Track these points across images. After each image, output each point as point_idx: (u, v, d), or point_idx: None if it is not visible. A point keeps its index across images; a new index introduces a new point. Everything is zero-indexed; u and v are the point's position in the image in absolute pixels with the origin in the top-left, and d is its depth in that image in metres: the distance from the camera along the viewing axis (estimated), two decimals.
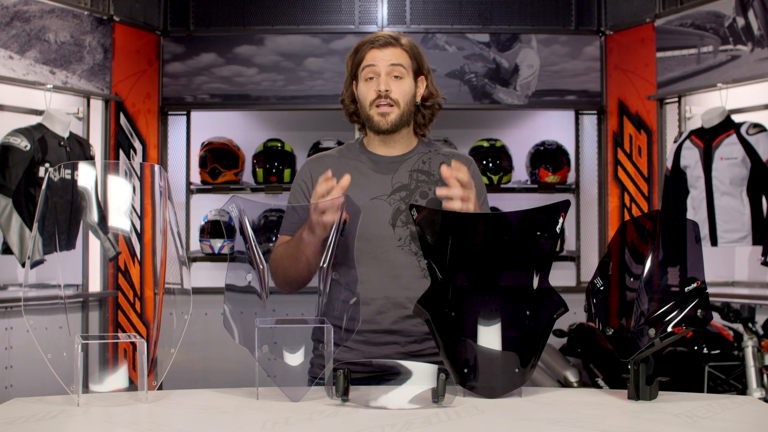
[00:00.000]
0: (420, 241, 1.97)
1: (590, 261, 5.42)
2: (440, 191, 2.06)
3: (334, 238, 1.99)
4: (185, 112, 5.54)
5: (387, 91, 2.19)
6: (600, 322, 1.89)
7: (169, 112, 5.54)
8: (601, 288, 1.92)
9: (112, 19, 5.08)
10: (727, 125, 4.48)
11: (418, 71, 2.26)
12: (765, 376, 3.54)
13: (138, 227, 2.84)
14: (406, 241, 2.18)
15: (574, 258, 5.49)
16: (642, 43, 5.20)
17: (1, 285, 4.46)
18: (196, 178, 5.49)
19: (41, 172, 4.26)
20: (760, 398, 3.15)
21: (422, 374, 1.81)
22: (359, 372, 2.01)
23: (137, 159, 5.26)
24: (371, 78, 2.21)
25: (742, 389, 3.58)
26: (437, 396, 1.77)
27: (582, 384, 4.29)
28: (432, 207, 2.17)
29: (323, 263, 1.99)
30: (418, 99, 2.27)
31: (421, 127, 2.31)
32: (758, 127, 4.37)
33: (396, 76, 2.21)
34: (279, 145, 5.46)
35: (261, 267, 1.96)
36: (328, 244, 2.00)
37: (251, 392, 1.87)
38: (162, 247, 1.95)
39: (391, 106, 2.20)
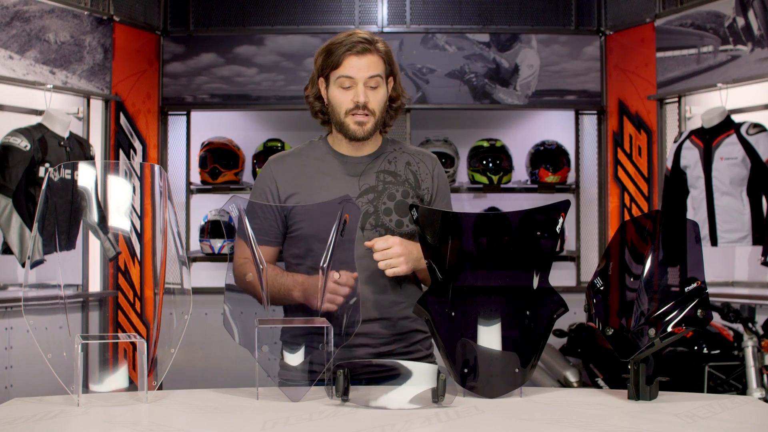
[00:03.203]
0: (420, 241, 1.97)
1: (590, 261, 5.42)
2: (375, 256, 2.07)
3: (334, 238, 1.99)
4: (185, 112, 5.53)
5: (365, 102, 2.17)
6: (600, 322, 1.89)
7: (169, 112, 5.53)
8: (601, 288, 1.92)
9: (112, 19, 5.08)
10: (727, 125, 4.48)
11: (390, 73, 2.24)
12: (765, 376, 3.54)
13: (138, 227, 2.85)
14: None
15: (574, 258, 5.49)
16: (642, 43, 5.20)
17: (1, 285, 4.46)
18: (196, 178, 5.49)
19: (41, 172, 4.26)
20: (760, 398, 3.15)
21: (422, 374, 1.81)
22: (358, 373, 2.00)
23: (137, 159, 5.26)
24: (348, 87, 2.18)
25: (742, 389, 3.58)
26: (437, 396, 1.77)
27: (582, 384, 4.29)
28: (399, 210, 2.19)
29: (323, 263, 1.99)
30: (387, 100, 2.26)
31: (385, 126, 2.30)
32: (758, 127, 4.37)
33: (372, 87, 2.18)
34: (279, 145, 5.46)
35: (261, 267, 1.96)
36: (328, 244, 2.00)
37: (251, 392, 1.87)
38: (162, 247, 1.95)
39: (367, 115, 2.18)
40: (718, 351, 3.77)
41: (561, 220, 1.96)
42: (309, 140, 2.34)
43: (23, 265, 4.26)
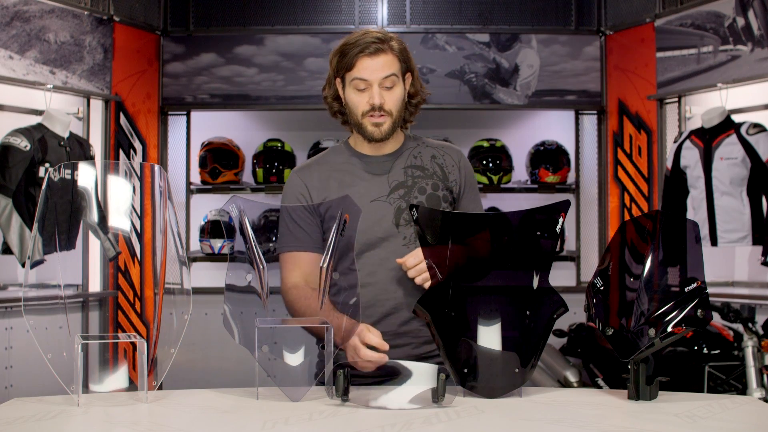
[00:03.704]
0: (420, 241, 1.97)
1: (590, 261, 5.42)
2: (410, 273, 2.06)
3: (334, 238, 1.99)
4: (185, 112, 5.54)
5: (381, 104, 2.15)
6: (600, 322, 1.89)
7: (169, 112, 5.54)
8: (601, 288, 1.92)
9: (112, 19, 5.08)
10: (727, 125, 4.48)
11: (406, 70, 2.22)
12: (765, 376, 3.54)
13: (138, 227, 2.84)
14: (412, 240, 2.16)
15: (574, 258, 5.49)
16: (642, 43, 5.20)
17: (1, 285, 4.46)
18: (196, 178, 5.49)
19: (41, 172, 4.26)
20: (760, 398, 3.15)
21: (422, 374, 1.81)
22: (361, 376, 2.00)
23: (137, 159, 5.26)
24: (363, 89, 2.16)
25: (742, 389, 3.58)
26: (437, 396, 1.77)
27: (582, 384, 4.29)
28: (431, 203, 2.18)
29: (323, 263, 1.99)
30: (406, 97, 2.23)
31: (405, 123, 2.29)
32: (758, 127, 4.37)
33: (388, 87, 2.16)
34: (279, 145, 5.46)
35: (261, 267, 1.96)
36: (328, 244, 2.00)
37: (251, 392, 1.87)
38: (162, 247, 1.95)
39: (384, 116, 2.16)
40: (718, 351, 3.77)
41: (561, 220, 1.96)
42: (329, 147, 2.33)
43: (23, 265, 4.26)
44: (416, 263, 2.05)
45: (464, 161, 2.31)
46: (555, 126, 5.66)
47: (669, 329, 1.82)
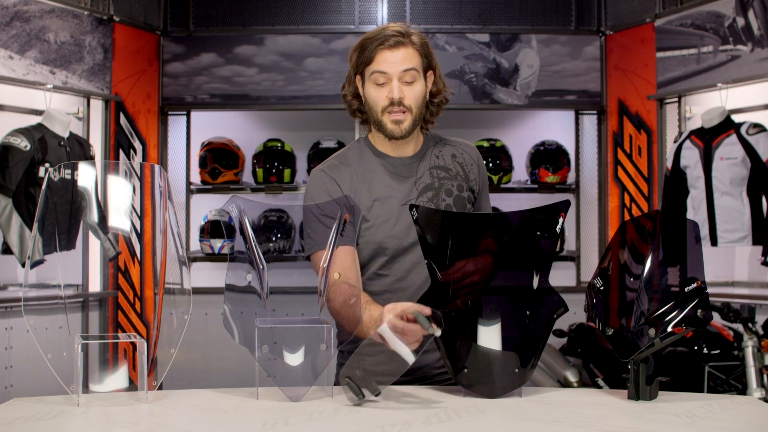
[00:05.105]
0: (420, 241, 1.97)
1: (590, 261, 5.42)
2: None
3: (335, 238, 1.99)
4: (185, 112, 5.54)
5: (401, 98, 2.10)
6: (600, 322, 1.89)
7: (169, 112, 5.54)
8: (601, 288, 1.92)
9: (112, 19, 5.08)
10: (727, 125, 4.48)
11: (428, 66, 2.17)
12: (765, 376, 3.54)
13: (138, 227, 2.85)
14: None
15: (574, 258, 5.49)
16: (642, 43, 5.20)
17: (1, 285, 4.46)
18: (196, 178, 5.49)
19: (41, 172, 4.26)
20: (760, 398, 3.14)
21: None
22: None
23: (137, 159, 5.26)
24: (383, 84, 2.10)
25: (742, 389, 3.58)
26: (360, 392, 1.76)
27: (582, 384, 4.29)
28: (458, 206, 2.17)
29: (323, 263, 1.98)
30: (427, 95, 2.18)
31: (426, 123, 2.23)
32: (758, 127, 4.37)
33: (408, 81, 2.10)
34: (279, 145, 5.46)
35: (261, 267, 1.96)
36: (329, 244, 2.00)
37: (251, 392, 1.87)
38: (162, 247, 1.95)
39: (404, 112, 2.11)
40: (718, 351, 3.77)
41: (561, 220, 1.95)
42: (351, 145, 2.26)
43: (23, 265, 4.26)
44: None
45: (481, 159, 2.30)
46: (555, 126, 5.66)
47: (669, 329, 1.82)
